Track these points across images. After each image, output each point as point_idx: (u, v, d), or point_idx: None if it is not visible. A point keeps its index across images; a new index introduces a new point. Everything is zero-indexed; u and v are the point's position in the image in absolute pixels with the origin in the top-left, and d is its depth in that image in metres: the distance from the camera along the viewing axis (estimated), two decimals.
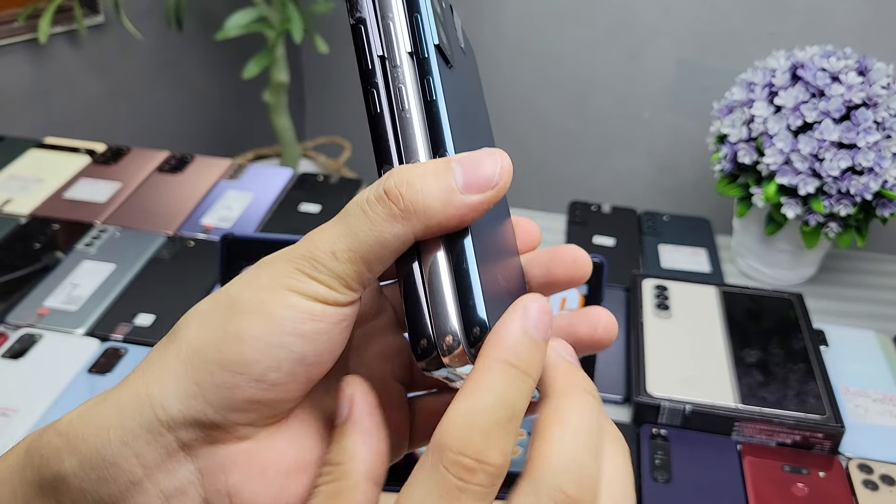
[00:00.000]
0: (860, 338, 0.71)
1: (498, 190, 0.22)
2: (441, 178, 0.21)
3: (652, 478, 0.57)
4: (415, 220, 0.21)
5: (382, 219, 0.21)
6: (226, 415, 0.21)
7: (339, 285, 0.21)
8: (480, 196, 0.21)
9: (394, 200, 0.21)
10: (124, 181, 0.89)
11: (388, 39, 0.22)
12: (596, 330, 0.26)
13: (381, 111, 0.23)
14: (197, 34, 1.45)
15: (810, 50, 0.73)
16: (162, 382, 0.21)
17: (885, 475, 0.58)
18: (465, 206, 0.21)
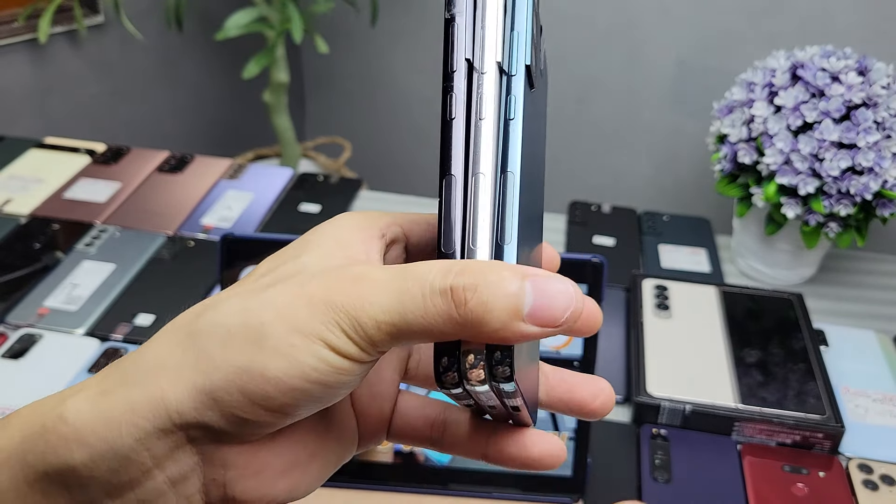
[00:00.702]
0: (860, 338, 0.71)
1: (559, 328, 0.21)
2: (511, 298, 0.20)
3: (652, 478, 0.57)
4: (468, 329, 0.20)
5: (438, 314, 0.20)
6: (237, 428, 0.22)
7: (371, 349, 0.21)
8: (539, 330, 0.20)
9: (457, 303, 0.20)
10: (124, 181, 0.89)
11: (479, 44, 0.22)
12: (595, 400, 0.26)
13: (454, 116, 0.22)
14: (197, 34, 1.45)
15: (810, 50, 0.73)
16: (177, 390, 0.21)
17: (885, 475, 0.58)
18: (523, 335, 0.20)
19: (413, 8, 1.42)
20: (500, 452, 0.25)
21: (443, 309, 0.20)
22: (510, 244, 0.21)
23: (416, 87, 1.51)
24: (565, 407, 0.26)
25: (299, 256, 0.23)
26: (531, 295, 0.20)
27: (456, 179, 0.22)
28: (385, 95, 1.55)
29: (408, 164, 1.60)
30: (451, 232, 0.22)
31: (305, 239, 0.24)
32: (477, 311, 0.20)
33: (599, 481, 0.56)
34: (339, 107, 1.63)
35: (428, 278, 0.20)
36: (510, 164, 0.21)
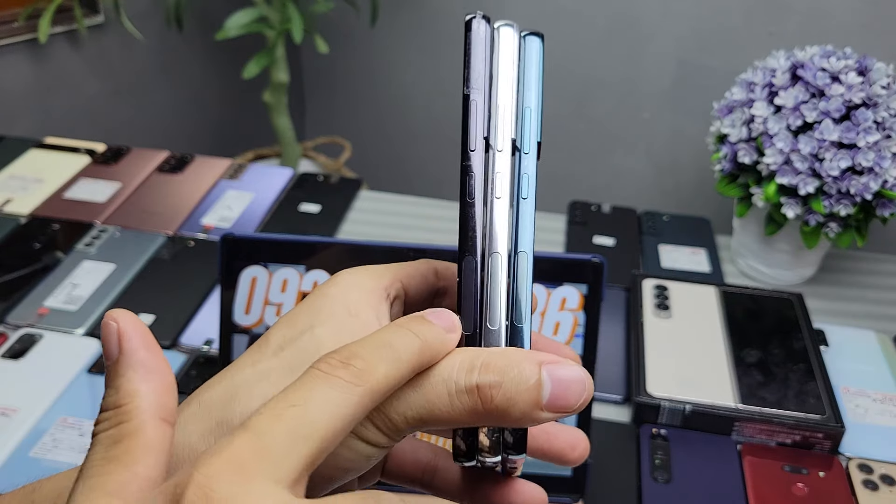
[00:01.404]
0: (860, 338, 0.71)
1: (571, 412, 0.23)
2: (532, 392, 0.22)
3: (652, 478, 0.57)
4: (491, 420, 0.22)
5: (464, 409, 0.22)
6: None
7: (397, 436, 0.23)
8: (554, 416, 0.22)
9: (483, 400, 0.22)
10: (124, 181, 0.89)
11: (493, 122, 0.23)
12: (573, 451, 0.27)
13: (474, 198, 0.23)
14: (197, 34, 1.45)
15: (810, 50, 0.73)
16: None
17: (885, 475, 0.58)
18: (540, 421, 0.22)
19: (413, 8, 1.42)
20: (486, 498, 0.26)
21: (469, 406, 0.22)
22: (525, 324, 0.23)
23: (417, 87, 1.51)
24: (544, 455, 0.27)
25: (313, 328, 0.24)
26: (549, 386, 0.22)
27: (474, 260, 0.23)
28: (385, 95, 1.55)
29: (408, 164, 1.60)
30: (469, 313, 0.23)
31: (315, 305, 0.25)
32: (501, 405, 0.22)
33: (599, 481, 0.56)
34: (339, 107, 1.63)
35: (453, 377, 0.22)
36: (522, 244, 0.23)
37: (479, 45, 0.23)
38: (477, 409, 0.22)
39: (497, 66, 0.23)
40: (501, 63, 0.23)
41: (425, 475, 0.28)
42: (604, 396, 0.64)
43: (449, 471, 0.28)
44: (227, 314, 0.51)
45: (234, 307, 0.51)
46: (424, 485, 0.28)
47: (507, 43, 0.23)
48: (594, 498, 0.55)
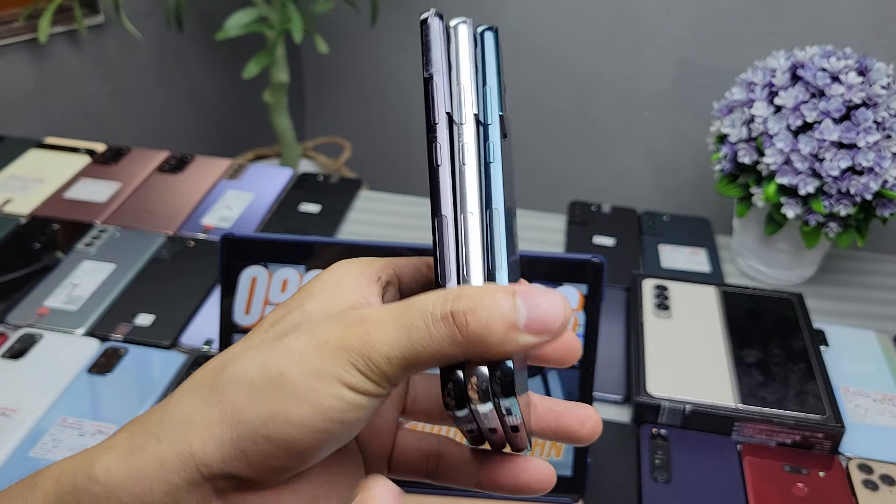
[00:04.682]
0: (860, 338, 0.71)
1: (553, 336, 0.23)
2: (507, 314, 0.22)
3: (652, 478, 0.57)
4: (472, 348, 0.22)
5: (443, 338, 0.22)
6: (263, 475, 0.23)
7: (385, 383, 0.23)
8: (536, 339, 0.22)
9: (459, 326, 0.22)
10: (124, 181, 0.89)
11: (456, 99, 0.24)
12: (582, 428, 0.27)
13: (440, 164, 0.24)
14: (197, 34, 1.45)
15: (810, 50, 0.73)
16: (205, 444, 0.23)
17: (885, 475, 0.58)
18: (523, 345, 0.22)
19: (413, 8, 1.42)
20: (493, 480, 0.27)
21: (446, 333, 0.22)
22: (501, 271, 0.24)
23: (417, 87, 1.50)
24: (553, 434, 0.27)
25: (303, 305, 0.25)
26: (524, 308, 0.22)
27: (447, 219, 0.24)
28: (385, 95, 1.55)
29: (408, 164, 1.60)
30: (446, 266, 0.24)
31: (307, 288, 0.26)
32: (478, 330, 0.22)
33: (599, 481, 0.57)
34: (339, 107, 1.63)
35: (428, 308, 0.22)
36: (494, 201, 0.24)
37: (436, 36, 0.25)
38: (455, 338, 0.22)
39: (456, 53, 0.25)
40: (460, 50, 0.25)
41: (430, 463, 0.28)
42: (604, 396, 0.64)
43: (454, 456, 0.28)
44: (227, 314, 0.51)
45: (234, 307, 0.51)
46: (430, 474, 0.28)
47: (463, 34, 0.25)
48: (594, 498, 0.55)
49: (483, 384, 0.23)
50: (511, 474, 0.26)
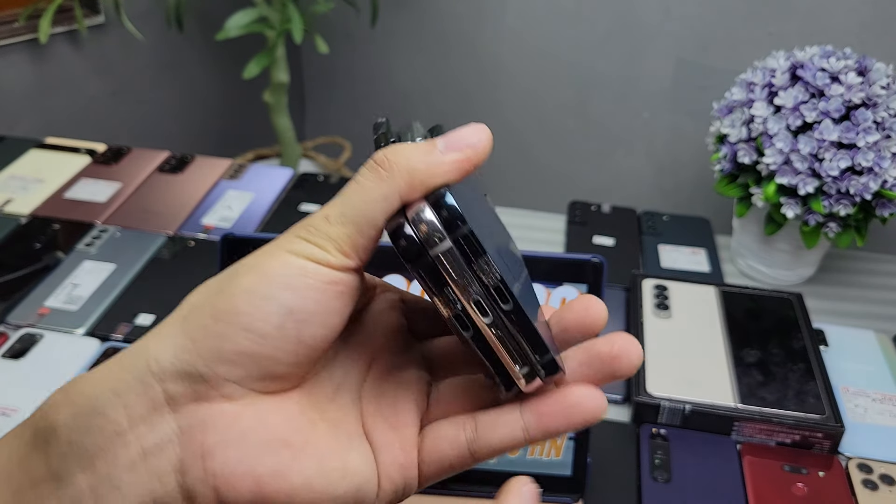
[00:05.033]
0: (860, 337, 0.71)
1: (477, 150, 0.23)
2: (426, 146, 0.23)
3: (651, 477, 0.57)
4: (398, 178, 0.23)
5: (371, 182, 0.23)
6: (214, 367, 0.22)
7: (332, 248, 0.23)
8: (459, 153, 0.23)
9: (380, 164, 0.23)
10: (125, 181, 0.89)
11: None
12: (587, 313, 0.26)
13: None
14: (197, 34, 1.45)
15: (810, 50, 0.73)
16: (159, 338, 0.22)
17: (884, 475, 0.58)
18: (446, 161, 0.23)
19: (413, 8, 1.42)
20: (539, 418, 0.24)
21: (372, 176, 0.23)
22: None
23: (417, 87, 1.51)
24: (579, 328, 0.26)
25: None
26: (442, 140, 0.23)
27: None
28: (385, 95, 1.55)
29: None
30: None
31: None
32: (400, 161, 0.23)
33: (599, 481, 0.57)
34: (339, 107, 1.63)
35: (358, 171, 0.24)
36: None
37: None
38: (381, 177, 0.23)
39: None
40: None
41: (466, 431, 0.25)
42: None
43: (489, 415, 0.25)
44: None
45: None
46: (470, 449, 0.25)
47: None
48: (594, 498, 0.55)
49: (421, 212, 0.22)
50: (556, 403, 0.24)
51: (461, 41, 1.41)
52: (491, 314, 0.23)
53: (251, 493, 0.22)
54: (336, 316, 0.23)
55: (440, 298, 0.23)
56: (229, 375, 0.22)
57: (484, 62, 1.40)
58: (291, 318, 0.22)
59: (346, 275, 0.23)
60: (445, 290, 0.23)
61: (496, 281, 0.23)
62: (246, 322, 0.22)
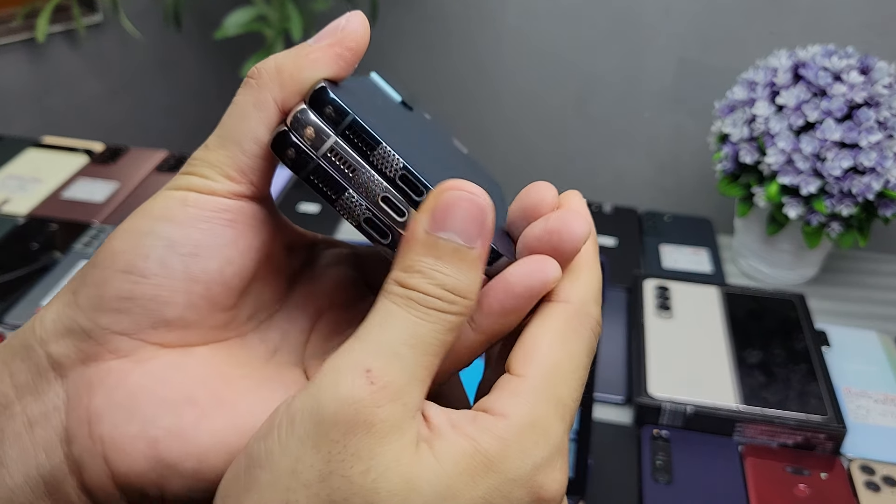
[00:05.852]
0: (862, 338, 0.71)
1: (348, 32, 0.22)
2: (294, 48, 0.21)
3: (653, 479, 0.57)
4: (268, 81, 0.21)
5: (242, 96, 0.21)
6: (96, 318, 0.20)
7: (214, 174, 0.21)
8: (329, 38, 0.21)
9: (250, 76, 0.21)
10: (123, 181, 0.88)
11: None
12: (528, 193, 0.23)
13: None
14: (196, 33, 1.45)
15: (812, 49, 0.73)
16: (50, 304, 0.21)
17: (886, 476, 0.57)
18: (314, 49, 0.21)
19: (413, 7, 1.42)
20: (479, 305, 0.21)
21: (244, 90, 0.21)
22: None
23: (416, 87, 1.50)
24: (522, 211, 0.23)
25: None
26: (313, 39, 0.22)
27: None
28: None
29: None
30: None
31: None
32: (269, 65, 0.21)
33: (600, 482, 0.56)
34: None
35: None
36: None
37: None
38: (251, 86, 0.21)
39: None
40: None
41: None
42: (605, 397, 0.64)
43: None
44: None
45: None
46: None
47: None
48: (595, 499, 0.55)
49: (300, 113, 0.20)
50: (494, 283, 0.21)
51: (461, 40, 1.40)
52: (406, 211, 0.20)
53: (146, 458, 0.19)
54: (231, 248, 0.21)
55: (344, 207, 0.20)
56: (115, 326, 0.20)
57: (484, 61, 1.40)
58: (175, 251, 0.20)
59: (237, 202, 0.21)
60: (345, 194, 0.20)
61: (400, 170, 0.20)
62: (124, 262, 0.20)
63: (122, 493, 0.19)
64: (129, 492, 0.19)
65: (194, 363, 0.21)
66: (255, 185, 0.22)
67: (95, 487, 0.19)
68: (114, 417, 0.19)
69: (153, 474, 0.19)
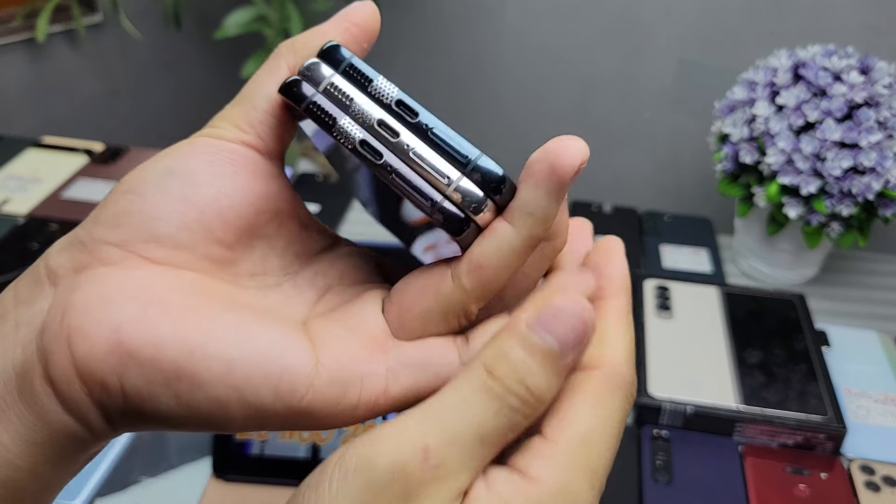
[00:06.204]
0: (862, 338, 0.71)
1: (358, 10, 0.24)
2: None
3: (653, 479, 0.57)
4: (283, 50, 0.23)
5: (261, 68, 0.23)
6: (92, 230, 0.21)
7: (226, 125, 0.23)
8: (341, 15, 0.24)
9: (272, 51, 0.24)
10: None
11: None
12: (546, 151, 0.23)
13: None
14: (195, 33, 1.45)
15: (812, 49, 0.73)
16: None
17: (887, 476, 0.57)
18: (324, 26, 0.23)
19: (413, 8, 1.42)
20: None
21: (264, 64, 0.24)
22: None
23: (416, 87, 1.50)
24: None
25: None
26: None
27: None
28: None
29: None
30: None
31: None
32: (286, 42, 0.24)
33: None
34: None
35: None
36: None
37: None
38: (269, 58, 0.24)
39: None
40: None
41: None
42: None
43: None
44: None
45: None
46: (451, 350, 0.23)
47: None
48: None
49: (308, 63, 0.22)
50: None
51: (461, 40, 1.40)
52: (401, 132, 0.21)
53: (107, 342, 0.19)
54: (227, 181, 0.22)
55: (341, 132, 0.21)
56: (108, 237, 0.21)
57: (484, 61, 1.40)
58: (173, 175, 0.21)
59: (242, 147, 0.23)
60: (343, 120, 0.21)
61: (396, 96, 0.21)
62: (127, 185, 0.21)
63: (82, 383, 0.20)
64: (89, 381, 0.20)
65: (178, 279, 0.21)
66: (262, 138, 0.23)
67: (58, 376, 0.20)
68: (85, 307, 0.20)
69: (112, 360, 0.19)
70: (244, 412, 0.20)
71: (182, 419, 0.20)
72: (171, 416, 0.20)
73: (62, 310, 0.20)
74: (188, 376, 0.19)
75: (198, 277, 0.21)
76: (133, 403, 0.20)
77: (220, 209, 0.22)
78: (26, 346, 0.20)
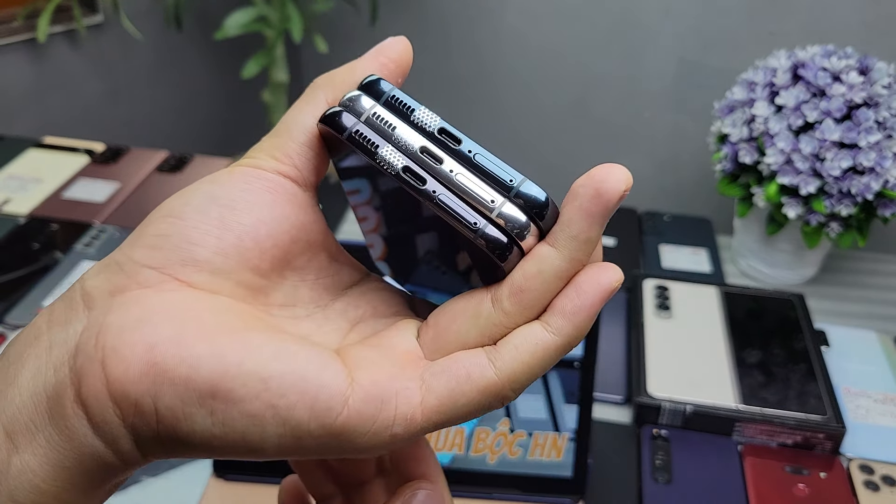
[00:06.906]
0: (861, 338, 0.71)
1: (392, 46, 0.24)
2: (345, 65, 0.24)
3: (652, 479, 0.57)
4: (322, 83, 0.23)
5: (298, 100, 0.24)
6: (131, 252, 0.21)
7: (263, 156, 0.23)
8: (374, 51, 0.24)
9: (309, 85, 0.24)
10: (123, 181, 0.88)
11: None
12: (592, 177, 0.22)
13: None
14: (196, 33, 1.45)
15: (811, 49, 0.73)
16: None
17: (886, 476, 0.57)
18: (360, 61, 0.24)
19: (413, 7, 1.42)
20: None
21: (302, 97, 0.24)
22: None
23: (415, 87, 1.50)
24: None
25: None
26: None
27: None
28: None
29: None
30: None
31: None
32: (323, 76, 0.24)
33: (600, 482, 0.56)
34: None
35: None
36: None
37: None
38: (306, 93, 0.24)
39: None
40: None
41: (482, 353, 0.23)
42: (604, 397, 0.64)
43: None
44: None
45: None
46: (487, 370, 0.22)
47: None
48: (595, 498, 0.55)
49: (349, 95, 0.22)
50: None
51: (462, 40, 1.41)
52: (444, 159, 0.21)
53: (142, 362, 0.19)
54: (266, 210, 0.22)
55: (383, 159, 0.21)
56: (146, 260, 0.21)
57: (484, 61, 1.40)
58: (214, 202, 0.22)
59: (278, 176, 0.23)
60: (384, 149, 0.21)
61: (438, 125, 0.21)
62: (166, 209, 0.22)
63: (115, 405, 0.19)
64: (122, 404, 0.19)
65: (213, 302, 0.21)
66: (298, 168, 0.24)
67: (90, 397, 0.19)
68: (121, 328, 0.20)
69: (147, 381, 0.19)
70: (279, 431, 0.19)
71: (216, 440, 0.20)
72: (206, 437, 0.19)
73: (97, 331, 0.20)
74: (223, 393, 0.19)
75: (233, 302, 0.21)
76: (167, 425, 0.19)
77: (258, 237, 0.22)
78: (59, 367, 0.20)
